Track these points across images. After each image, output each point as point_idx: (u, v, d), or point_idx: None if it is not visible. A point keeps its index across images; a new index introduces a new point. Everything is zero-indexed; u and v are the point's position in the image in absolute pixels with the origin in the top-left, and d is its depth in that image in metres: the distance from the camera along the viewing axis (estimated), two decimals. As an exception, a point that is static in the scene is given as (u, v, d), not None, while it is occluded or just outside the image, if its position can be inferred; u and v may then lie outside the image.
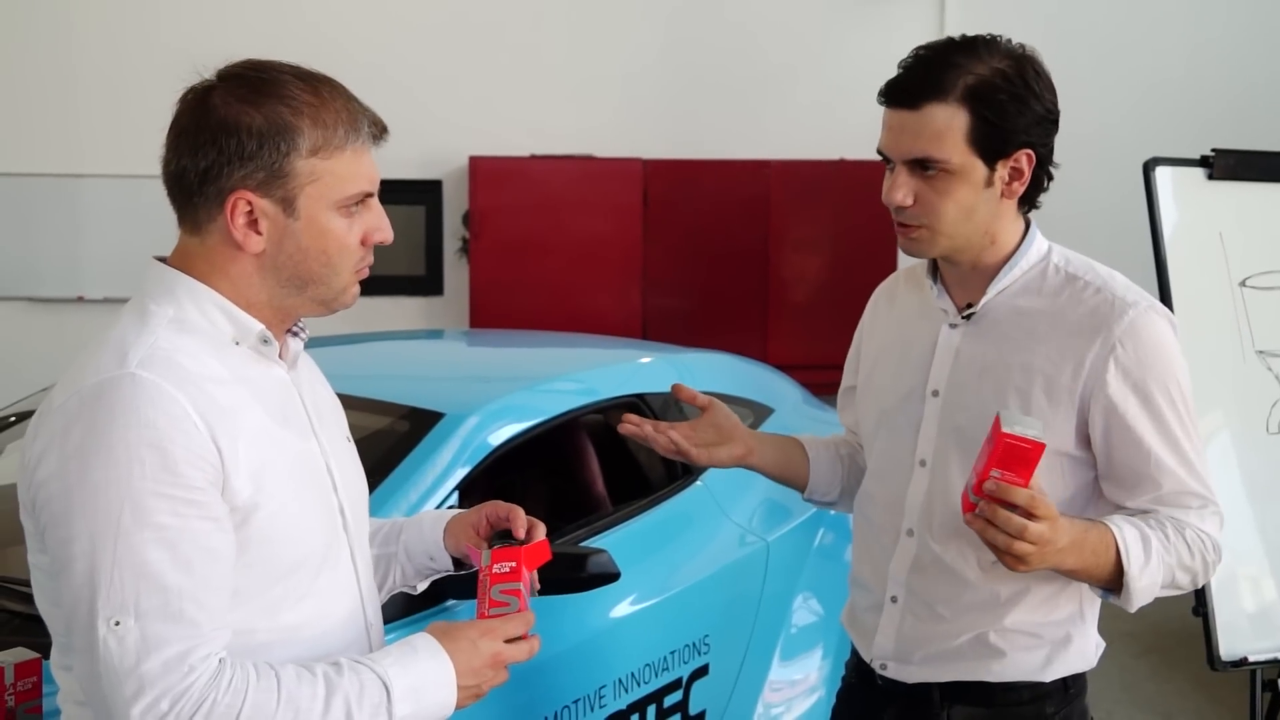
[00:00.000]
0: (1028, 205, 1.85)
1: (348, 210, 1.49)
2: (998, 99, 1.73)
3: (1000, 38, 1.79)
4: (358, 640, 1.58)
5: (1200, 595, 3.14)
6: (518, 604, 1.56)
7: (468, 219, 7.49)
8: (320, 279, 1.50)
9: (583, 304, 7.35)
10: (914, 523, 1.90)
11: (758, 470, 2.10)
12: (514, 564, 1.59)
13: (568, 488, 3.04)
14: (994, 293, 1.85)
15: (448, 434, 2.60)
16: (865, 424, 2.05)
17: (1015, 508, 1.60)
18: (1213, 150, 3.34)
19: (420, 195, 7.60)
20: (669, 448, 1.99)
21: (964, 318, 1.88)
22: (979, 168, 1.76)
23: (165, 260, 1.50)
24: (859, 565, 2.05)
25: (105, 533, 1.33)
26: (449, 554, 1.79)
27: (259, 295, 1.49)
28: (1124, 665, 4.70)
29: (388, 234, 1.54)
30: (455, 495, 2.50)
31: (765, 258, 7.59)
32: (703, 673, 2.84)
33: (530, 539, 1.67)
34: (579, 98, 7.68)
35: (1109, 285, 1.82)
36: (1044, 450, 1.59)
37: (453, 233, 7.70)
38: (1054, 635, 1.87)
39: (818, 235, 7.63)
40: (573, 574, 2.25)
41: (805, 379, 4.20)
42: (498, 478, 2.73)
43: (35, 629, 1.68)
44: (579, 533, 2.71)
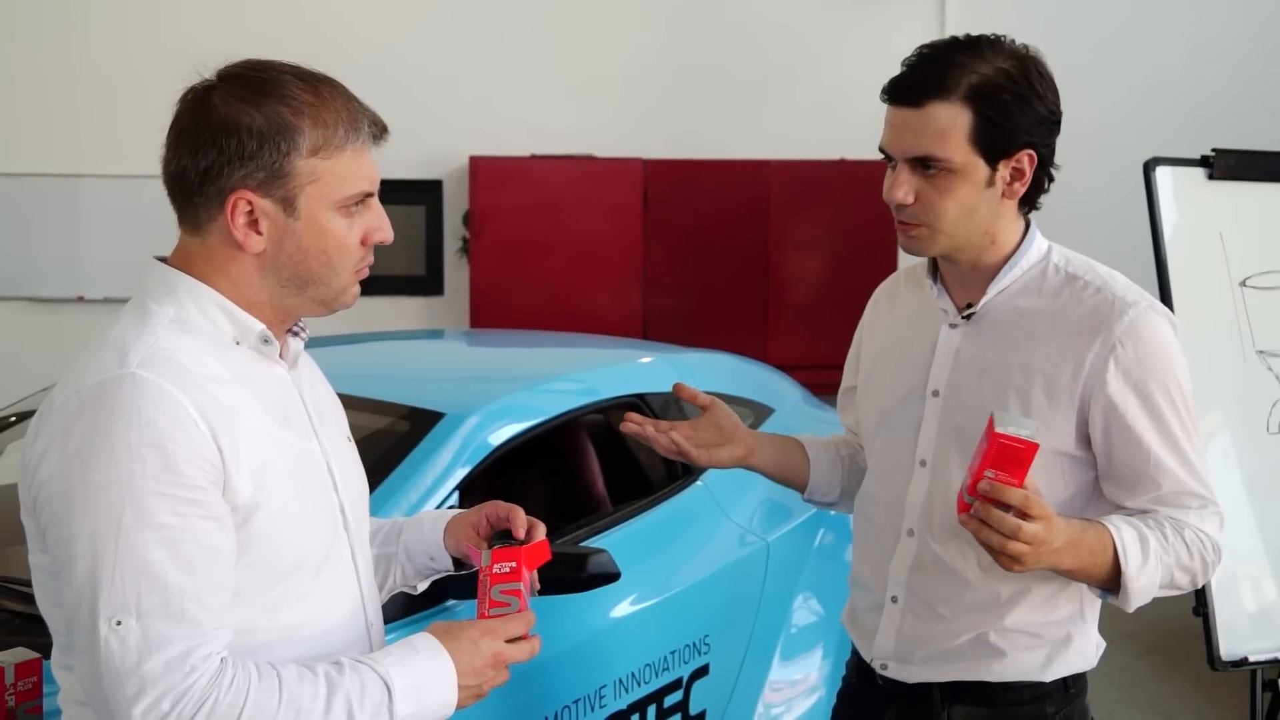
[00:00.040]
0: (1028, 206, 1.85)
1: (348, 210, 1.49)
2: (1001, 99, 1.73)
3: (1004, 38, 1.78)
4: (358, 640, 1.58)
5: (1200, 595, 3.13)
6: (518, 604, 1.56)
7: (468, 219, 7.49)
8: (320, 279, 1.50)
9: (583, 304, 7.35)
10: (914, 523, 1.90)
11: (758, 471, 2.10)
12: (514, 564, 1.59)
13: (568, 488, 3.04)
14: (994, 293, 1.85)
15: (448, 434, 2.60)
16: (865, 424, 2.05)
17: (1010, 508, 1.60)
18: (1213, 150, 3.34)
19: (420, 195, 7.60)
20: (670, 448, 2.00)
21: (964, 318, 1.88)
22: (981, 167, 1.76)
23: (166, 260, 1.50)
24: (859, 565, 2.05)
25: (106, 532, 1.33)
26: (449, 554, 1.79)
27: (259, 295, 1.49)
28: (1124, 665, 4.70)
29: (388, 234, 1.54)
30: (455, 495, 2.50)
31: (765, 258, 7.59)
32: (703, 673, 2.84)
33: (530, 539, 1.67)
34: (579, 98, 7.68)
35: (1109, 285, 1.82)
36: (1038, 450, 1.59)
37: (453, 233, 7.69)
38: (1054, 635, 1.87)
39: (818, 235, 7.63)
40: (573, 574, 2.25)
41: (805, 379, 4.19)
42: (498, 478, 2.73)
43: (36, 629, 1.68)
44: (579, 533, 2.71)
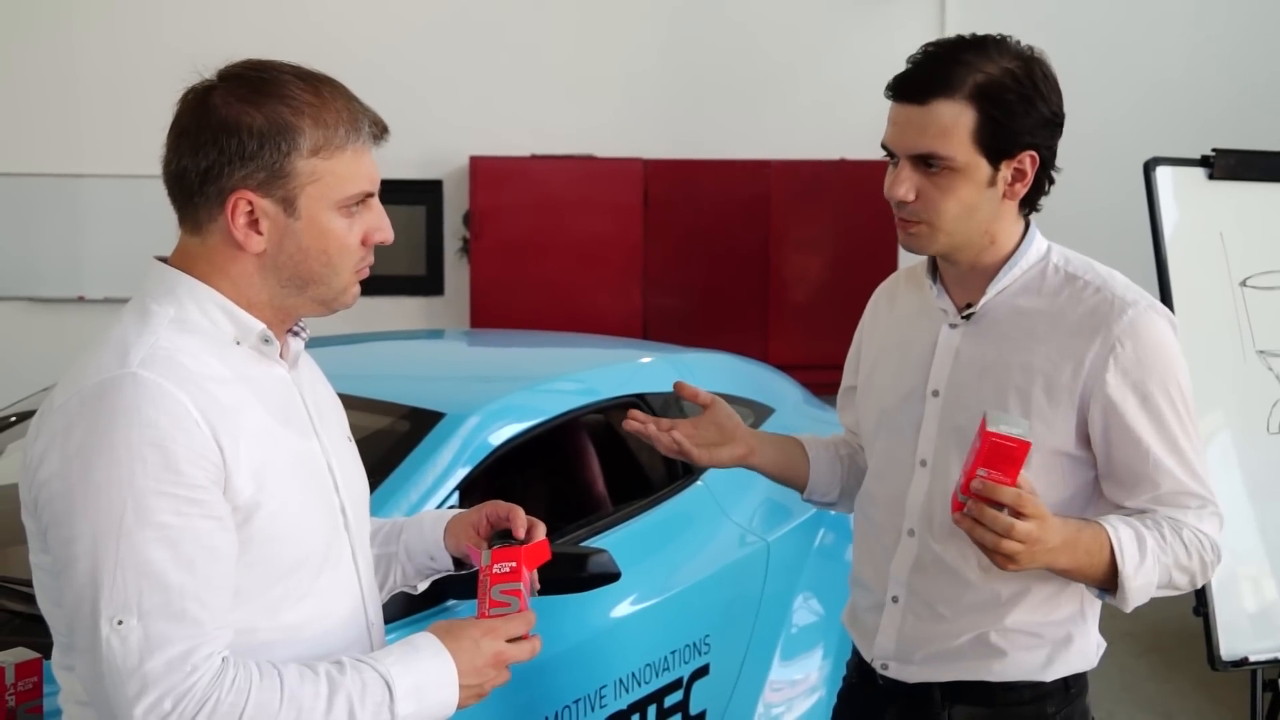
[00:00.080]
0: (1029, 208, 1.85)
1: (348, 210, 1.49)
2: (1006, 99, 1.73)
3: (1010, 38, 1.78)
4: (359, 640, 1.58)
5: (1201, 595, 3.13)
6: (518, 604, 1.56)
7: (468, 219, 7.49)
8: (321, 279, 1.50)
9: (583, 304, 7.35)
10: (915, 523, 1.90)
11: (758, 470, 2.10)
12: (514, 564, 1.59)
13: (568, 488, 3.04)
14: (994, 293, 1.85)
15: (448, 434, 2.60)
16: (866, 424, 2.05)
17: (1003, 507, 1.61)
18: (1213, 150, 3.34)
19: (421, 195, 7.60)
20: (671, 447, 2.00)
21: (964, 318, 1.88)
22: (983, 166, 1.76)
23: (166, 260, 1.50)
24: (860, 565, 2.05)
25: (107, 532, 1.33)
26: (449, 554, 1.79)
27: (260, 295, 1.49)
28: (1124, 665, 4.70)
29: (388, 234, 1.54)
30: (456, 495, 2.50)
31: (766, 258, 7.59)
32: (703, 673, 2.84)
33: (530, 539, 1.67)
34: (579, 98, 7.68)
35: (1108, 285, 1.82)
36: (1030, 449, 1.59)
37: (453, 233, 7.69)
38: (1055, 635, 1.87)
39: (818, 235, 7.63)
40: (573, 574, 2.25)
41: (806, 379, 4.19)
42: (498, 478, 2.73)
43: (36, 629, 1.68)
44: (579, 533, 2.71)
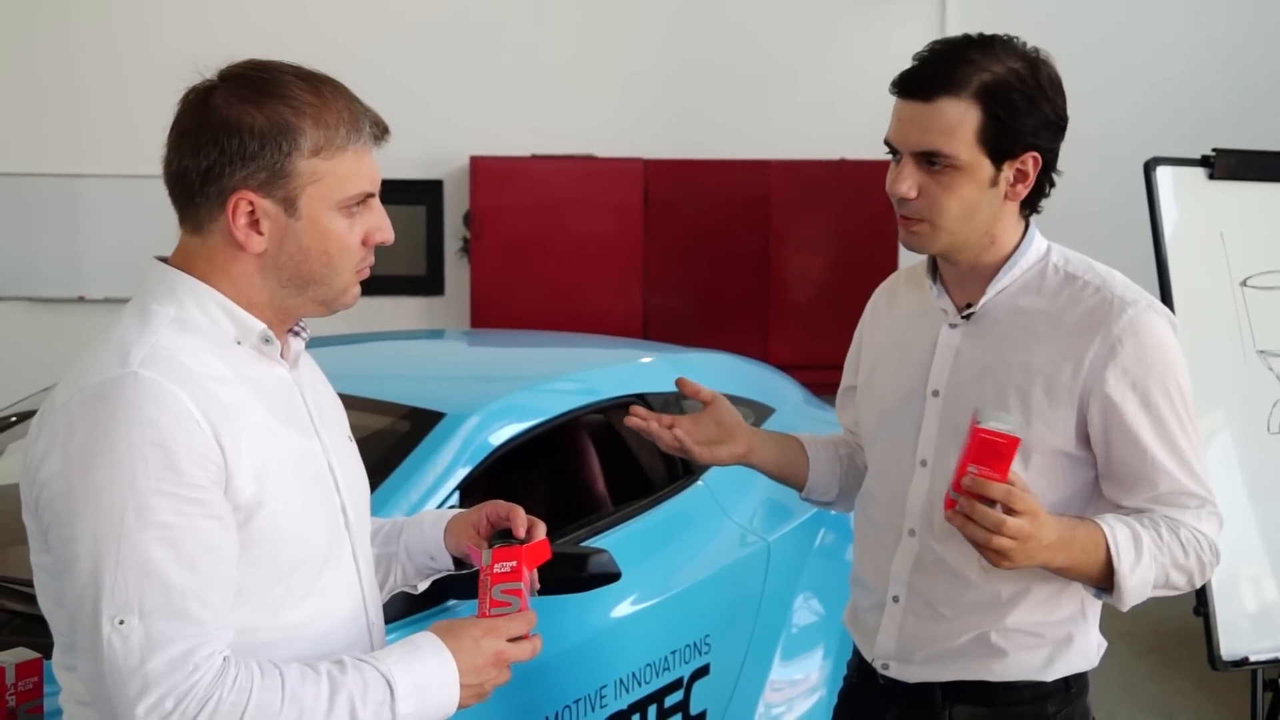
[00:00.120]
0: (1029, 209, 1.85)
1: (349, 210, 1.49)
2: (1011, 99, 1.73)
3: (1017, 39, 1.79)
4: (360, 639, 1.58)
5: (1201, 595, 3.14)
6: (519, 603, 1.56)
7: (468, 219, 7.48)
8: (321, 279, 1.50)
9: (583, 304, 7.35)
10: (915, 522, 1.90)
11: (757, 469, 2.10)
12: (515, 563, 1.59)
13: (569, 487, 3.04)
14: (993, 292, 1.85)
15: (449, 434, 2.60)
16: (866, 424, 2.05)
17: (994, 503, 1.61)
18: (1213, 150, 3.34)
19: (421, 195, 7.60)
20: (672, 444, 1.99)
21: (964, 317, 1.88)
22: (985, 166, 1.76)
23: (166, 260, 1.51)
24: (860, 565, 2.05)
25: (109, 532, 1.33)
26: (449, 553, 1.79)
27: (260, 295, 1.49)
28: (1125, 665, 4.70)
29: (389, 234, 1.54)
30: (456, 495, 2.50)
31: (766, 258, 7.59)
32: (703, 673, 2.84)
33: (530, 538, 1.67)
34: (580, 97, 7.68)
35: (1108, 284, 1.82)
36: (1019, 444, 1.60)
37: (454, 232, 7.70)
38: (1056, 635, 1.87)
39: (818, 235, 7.63)
40: (574, 574, 2.25)
41: (806, 379, 4.19)
42: (499, 478, 2.72)
43: (36, 629, 1.68)
44: (580, 533, 2.71)
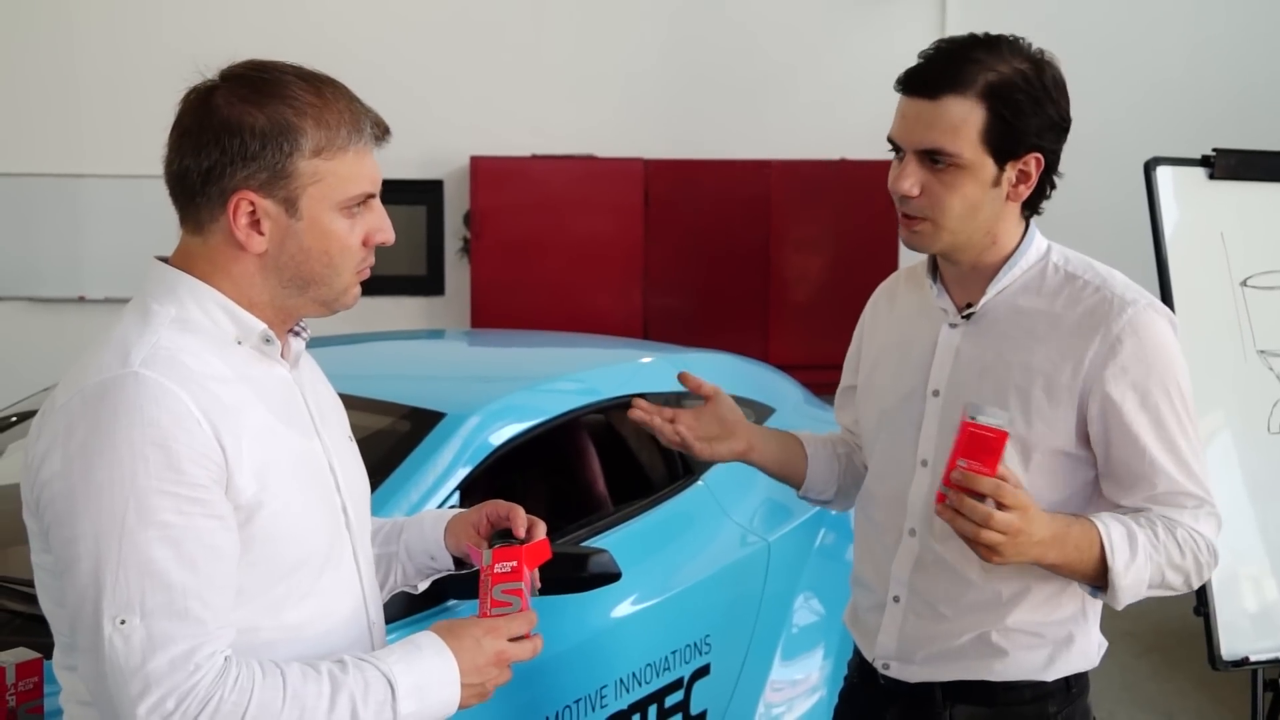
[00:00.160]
0: (1030, 210, 1.85)
1: (350, 211, 1.49)
2: (1016, 99, 1.73)
3: (1022, 40, 1.79)
4: (360, 639, 1.58)
5: (1201, 595, 3.13)
6: (519, 603, 1.56)
7: (469, 219, 7.48)
8: (322, 280, 1.50)
9: (584, 304, 7.34)
10: (916, 522, 1.90)
11: (757, 466, 2.10)
12: (515, 563, 1.59)
13: (569, 487, 3.04)
14: (994, 292, 1.85)
15: (449, 434, 2.60)
16: (866, 424, 2.05)
17: (984, 497, 1.61)
18: (1214, 150, 3.34)
19: (421, 195, 7.60)
20: (674, 439, 1.99)
21: (964, 317, 1.88)
22: (989, 166, 1.76)
23: (167, 260, 1.51)
24: (861, 565, 2.05)
25: (110, 531, 1.33)
26: (450, 553, 1.79)
27: (261, 295, 1.49)
28: (1125, 665, 4.70)
29: (389, 235, 1.54)
30: (456, 495, 2.50)
31: (766, 258, 7.59)
32: (704, 673, 2.84)
33: (530, 538, 1.67)
34: (580, 97, 7.68)
35: (1108, 284, 1.82)
36: (1007, 439, 1.60)
37: (454, 233, 7.69)
38: (1056, 634, 1.87)
39: (819, 235, 7.62)
40: (574, 574, 2.25)
41: (806, 379, 4.19)
42: (499, 478, 2.72)
43: (37, 629, 1.68)
44: (580, 532, 2.71)
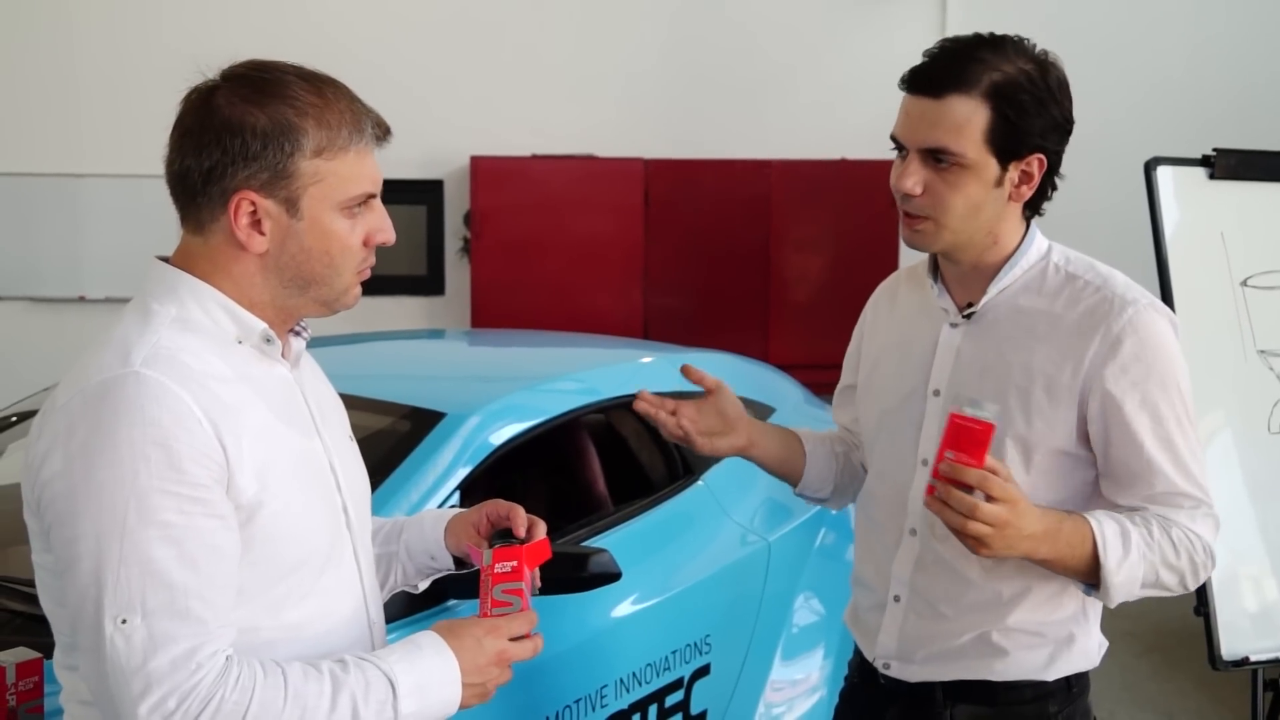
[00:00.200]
0: (1032, 211, 1.85)
1: (351, 211, 1.49)
2: (1020, 99, 1.73)
3: (1027, 40, 1.79)
4: (361, 638, 1.58)
5: (1201, 595, 3.14)
6: (520, 603, 1.56)
7: (469, 219, 7.48)
8: (322, 280, 1.50)
9: (584, 304, 7.34)
10: (917, 522, 1.90)
11: (756, 462, 2.10)
12: (515, 563, 1.59)
13: (569, 487, 3.04)
14: (994, 292, 1.86)
15: (449, 434, 2.60)
16: (866, 424, 2.05)
17: (972, 489, 1.61)
18: (1214, 150, 3.34)
19: (421, 195, 7.60)
20: (677, 432, 1.99)
21: (965, 317, 1.88)
22: (992, 165, 1.76)
23: (168, 260, 1.51)
24: (862, 565, 2.05)
25: (111, 531, 1.33)
26: (450, 553, 1.79)
27: (261, 295, 1.50)
28: (1125, 665, 4.70)
29: (390, 235, 1.54)
30: (457, 495, 2.50)
31: (766, 257, 7.59)
32: (704, 672, 2.84)
33: (531, 538, 1.67)
34: (580, 97, 7.68)
35: (1109, 284, 1.82)
36: (994, 431, 1.61)
37: (454, 232, 7.69)
38: (1057, 634, 1.87)
39: (819, 235, 7.62)
40: (574, 574, 2.25)
41: (806, 379, 4.19)
42: (499, 477, 2.72)
43: (37, 629, 1.68)
44: (580, 532, 2.71)
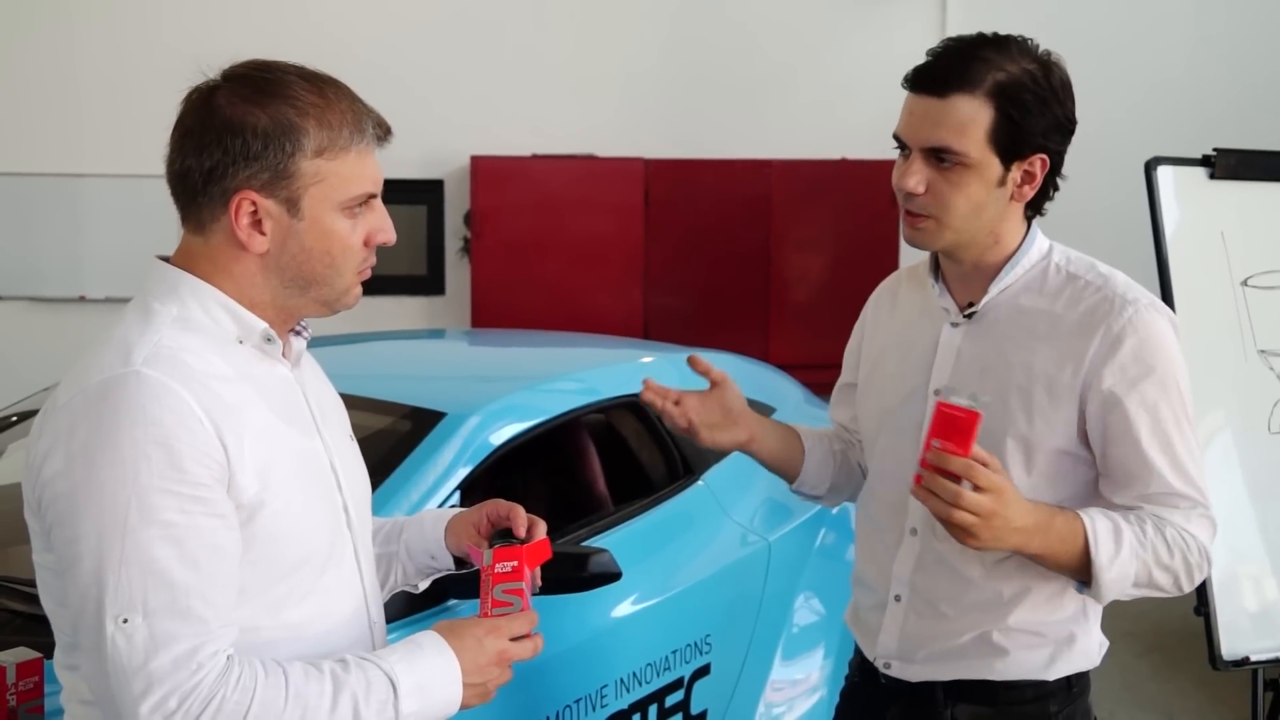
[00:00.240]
0: (1033, 211, 1.85)
1: (351, 211, 1.49)
2: (1024, 99, 1.73)
3: (1031, 40, 1.79)
4: (361, 638, 1.58)
5: (1202, 595, 3.14)
6: (520, 603, 1.56)
7: (469, 218, 7.48)
8: (323, 280, 1.50)
9: (584, 304, 7.34)
10: (917, 522, 1.90)
11: (756, 457, 2.10)
12: (516, 563, 1.59)
13: (569, 487, 3.04)
14: (995, 292, 1.86)
15: (449, 433, 2.60)
16: (867, 423, 2.05)
17: (960, 479, 1.61)
18: (1214, 150, 3.34)
19: (422, 195, 7.59)
20: (682, 424, 1.99)
21: (966, 316, 1.88)
22: (995, 165, 1.76)
23: (168, 259, 1.51)
24: (862, 564, 2.05)
25: (112, 530, 1.33)
26: (450, 553, 1.79)
27: (262, 295, 1.50)
28: (1125, 665, 4.70)
29: (390, 235, 1.54)
30: (457, 495, 2.50)
31: (767, 257, 7.58)
32: (704, 672, 2.84)
33: (531, 537, 1.67)
34: (580, 97, 7.68)
35: (1110, 284, 1.82)
36: (979, 420, 1.60)
37: (454, 232, 7.69)
38: (1057, 634, 1.87)
39: (819, 235, 7.62)
40: (574, 573, 2.25)
41: (807, 378, 4.19)
42: (499, 477, 2.73)
43: (37, 628, 1.68)
44: (580, 532, 2.71)
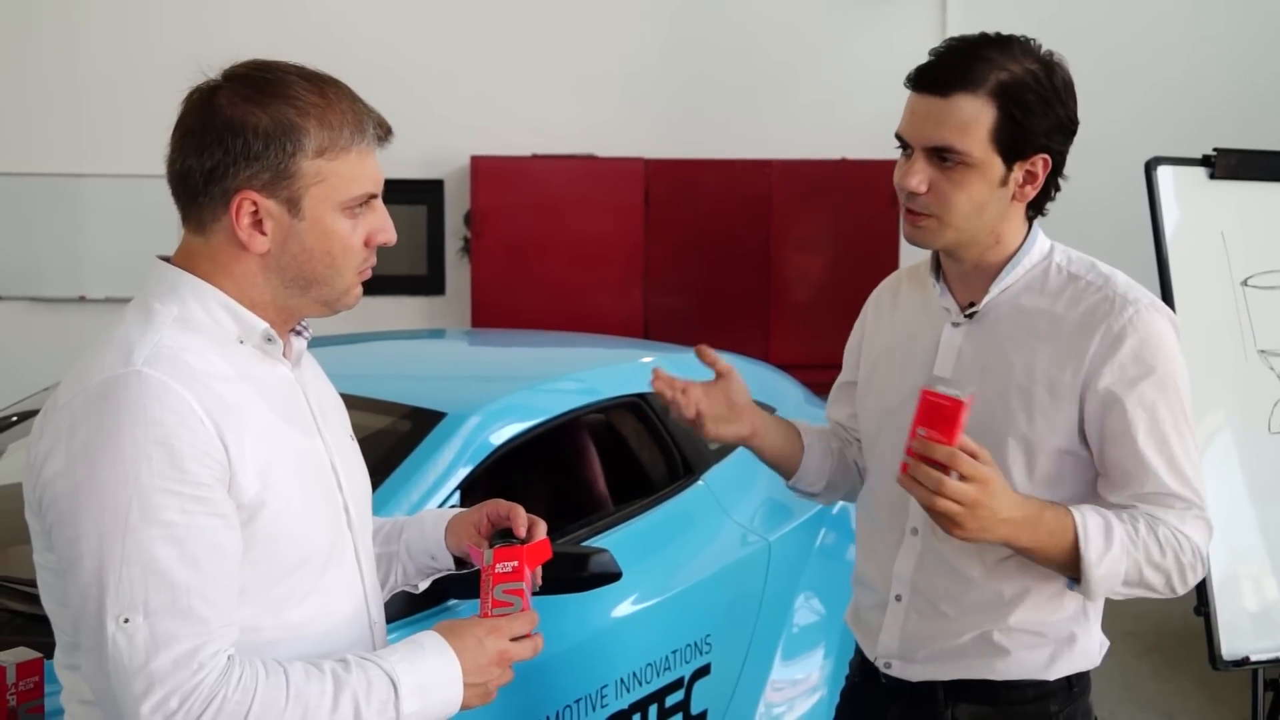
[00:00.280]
0: (1035, 211, 1.85)
1: (352, 211, 1.49)
2: (1026, 99, 1.73)
3: (1033, 40, 1.79)
4: (362, 638, 1.58)
5: (1202, 595, 3.14)
6: (521, 604, 1.57)
7: (469, 218, 7.48)
8: (324, 280, 1.50)
9: (584, 304, 7.34)
10: (918, 521, 1.90)
11: (756, 452, 2.10)
12: (516, 563, 1.59)
13: (569, 487, 3.04)
14: (996, 291, 1.86)
15: (449, 433, 2.60)
16: (867, 423, 2.05)
17: (946, 469, 1.61)
18: (1214, 150, 3.34)
19: (422, 195, 7.59)
20: (690, 414, 1.99)
21: (966, 316, 1.88)
22: (997, 165, 1.76)
23: (169, 259, 1.51)
24: (863, 564, 2.05)
25: (113, 530, 1.33)
26: (450, 553, 1.79)
27: (263, 295, 1.50)
28: (1126, 665, 4.70)
29: (391, 235, 1.54)
30: (457, 495, 2.50)
31: (767, 257, 7.58)
32: (704, 672, 2.84)
33: (531, 537, 1.67)
34: (581, 97, 7.68)
35: (1110, 284, 1.83)
36: (964, 408, 1.60)
37: (454, 232, 7.69)
38: (1058, 634, 1.87)
39: (819, 235, 7.62)
40: (574, 573, 2.25)
41: (807, 378, 4.20)
42: (499, 477, 2.73)
43: (37, 628, 1.68)
44: (580, 532, 2.72)
